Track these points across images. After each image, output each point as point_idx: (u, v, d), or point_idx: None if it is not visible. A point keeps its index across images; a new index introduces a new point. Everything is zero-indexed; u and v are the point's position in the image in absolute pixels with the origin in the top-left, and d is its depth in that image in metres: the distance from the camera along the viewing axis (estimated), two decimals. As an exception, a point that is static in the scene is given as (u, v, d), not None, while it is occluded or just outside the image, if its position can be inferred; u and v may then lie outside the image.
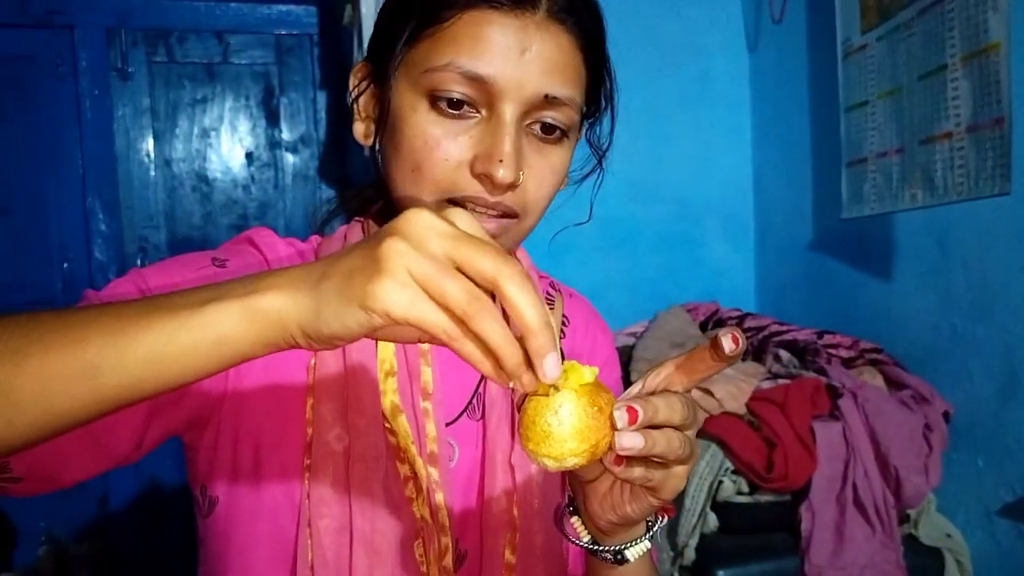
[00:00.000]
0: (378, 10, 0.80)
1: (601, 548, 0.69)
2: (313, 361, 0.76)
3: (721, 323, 2.22)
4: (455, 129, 0.70)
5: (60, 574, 2.29)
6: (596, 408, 0.55)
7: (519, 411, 0.57)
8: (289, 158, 2.85)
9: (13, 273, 2.56)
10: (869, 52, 1.92)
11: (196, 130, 2.76)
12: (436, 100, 0.69)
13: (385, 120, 0.73)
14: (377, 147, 0.77)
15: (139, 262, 2.67)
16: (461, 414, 0.82)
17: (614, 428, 0.54)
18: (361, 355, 0.75)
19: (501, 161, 0.68)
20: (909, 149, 1.78)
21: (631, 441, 0.54)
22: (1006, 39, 1.48)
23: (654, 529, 0.69)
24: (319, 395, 0.74)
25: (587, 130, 0.83)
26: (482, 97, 0.69)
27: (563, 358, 0.86)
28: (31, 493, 0.65)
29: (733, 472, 1.68)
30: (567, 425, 0.54)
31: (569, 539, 0.71)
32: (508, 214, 0.73)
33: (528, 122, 0.71)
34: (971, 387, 1.76)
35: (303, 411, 0.75)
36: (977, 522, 1.74)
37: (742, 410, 1.72)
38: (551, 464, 0.55)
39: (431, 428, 0.77)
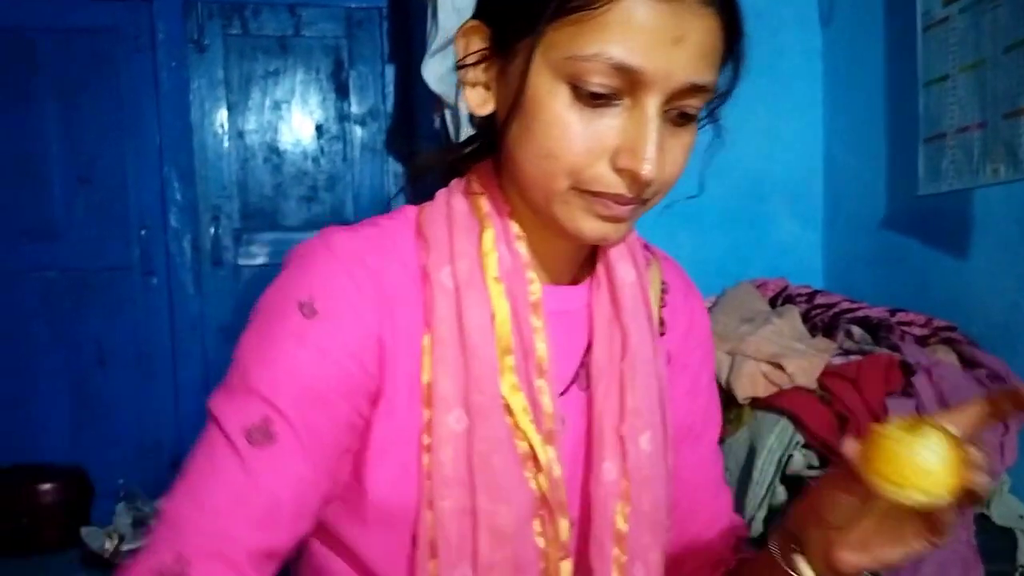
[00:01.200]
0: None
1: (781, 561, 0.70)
2: (427, 340, 0.74)
3: (790, 299, 2.20)
4: (596, 119, 0.67)
5: (136, 528, 2.37)
6: (960, 448, 0.57)
7: (863, 441, 0.60)
8: (357, 131, 2.89)
9: (94, 240, 2.66)
10: (951, 24, 1.88)
11: (268, 102, 2.82)
12: (578, 89, 0.66)
13: (516, 100, 0.69)
14: (500, 121, 0.74)
15: (213, 232, 2.74)
16: (570, 385, 0.82)
17: (973, 468, 0.57)
18: (479, 335, 0.74)
19: (647, 159, 0.66)
20: (992, 123, 1.75)
21: (984, 480, 0.57)
22: (1101, 9, 1.44)
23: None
24: (437, 375, 0.73)
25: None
26: (627, 86, 0.66)
27: (662, 324, 0.88)
28: None
29: (803, 446, 1.67)
30: (942, 461, 0.56)
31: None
32: (643, 200, 0.71)
33: (668, 108, 0.68)
34: (1050, 367, 1.73)
35: (418, 393, 0.74)
36: (1053, 504, 1.72)
37: (813, 384, 1.72)
38: (920, 498, 0.57)
39: (547, 405, 0.76)
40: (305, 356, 0.70)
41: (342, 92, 2.87)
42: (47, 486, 2.40)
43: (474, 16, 0.75)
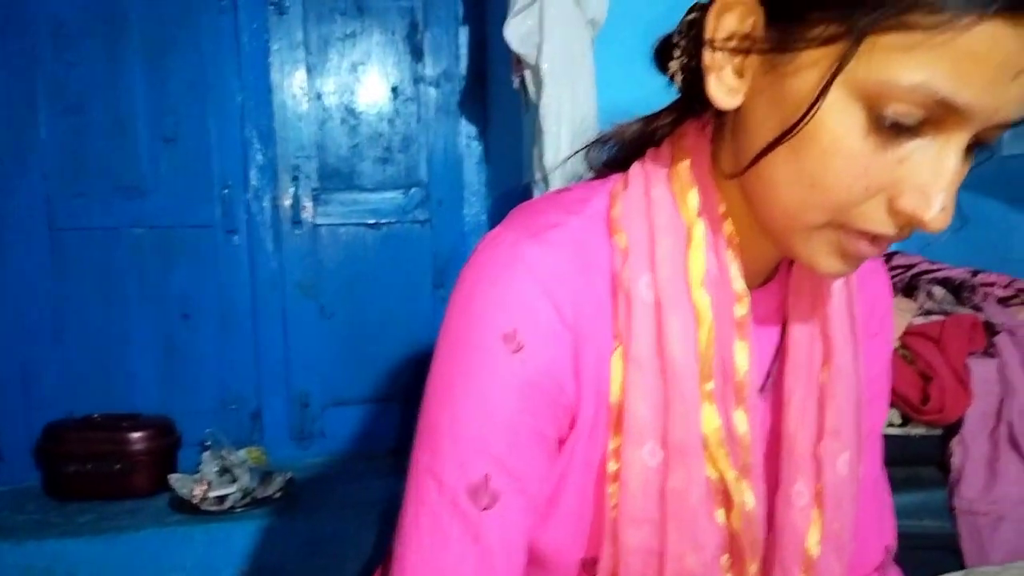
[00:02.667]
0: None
1: None
2: (618, 358, 0.67)
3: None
4: (890, 152, 0.55)
5: (221, 475, 2.47)
6: None
7: None
8: (432, 92, 2.92)
9: (179, 198, 2.74)
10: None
11: (345, 64, 2.86)
12: (880, 118, 0.53)
13: (798, 123, 0.56)
14: (746, 114, 0.62)
15: (292, 190, 2.81)
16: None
17: None
18: (683, 361, 0.66)
19: (940, 207, 0.55)
20: (1086, 82, 1.72)
21: None
22: None
23: None
24: (631, 401, 0.66)
25: None
26: (937, 118, 0.53)
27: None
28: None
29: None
30: None
31: None
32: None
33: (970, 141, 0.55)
34: None
35: (605, 413, 0.69)
36: None
37: (896, 343, 1.72)
38: None
39: (745, 438, 0.70)
40: (517, 397, 0.65)
41: (417, 54, 2.90)
42: (137, 435, 2.50)
43: None
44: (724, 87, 0.62)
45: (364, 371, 2.90)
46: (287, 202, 2.82)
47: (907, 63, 0.50)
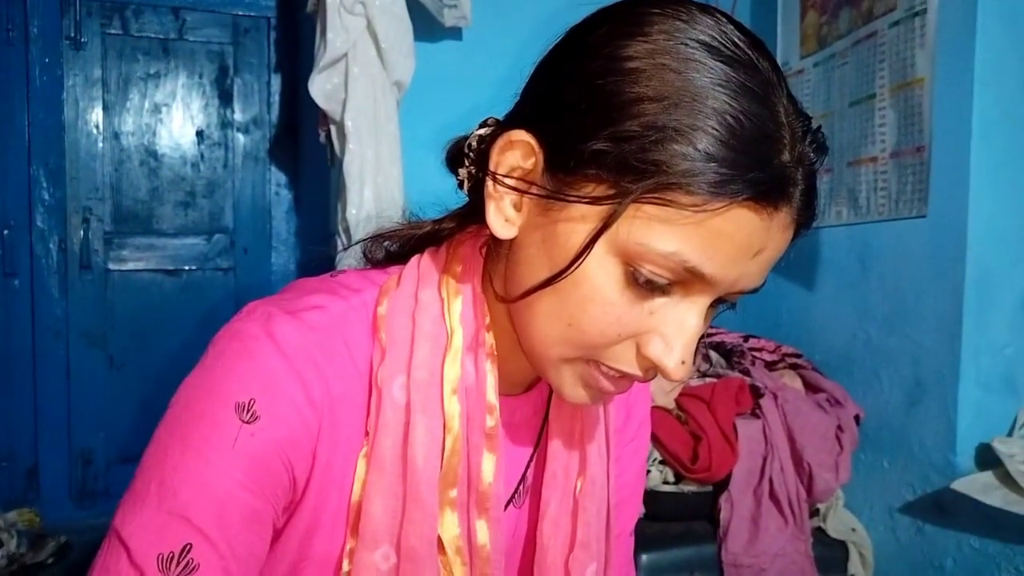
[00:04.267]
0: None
1: None
2: (363, 458, 0.66)
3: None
4: (641, 305, 0.59)
5: (-13, 541, 2.27)
6: None
7: None
8: (240, 138, 2.86)
9: (-49, 237, 2.53)
10: (806, 76, 2.05)
11: (147, 105, 2.76)
12: (636, 275, 0.58)
13: (563, 272, 0.59)
14: (519, 246, 0.64)
15: (82, 234, 2.66)
16: (508, 503, 0.76)
17: None
18: (424, 468, 0.65)
19: (681, 361, 0.60)
20: (837, 170, 1.91)
21: None
22: (930, 75, 1.61)
23: None
24: (370, 503, 0.65)
25: None
26: (685, 282, 0.58)
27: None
28: None
29: (660, 462, 1.78)
30: None
31: None
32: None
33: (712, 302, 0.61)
34: (881, 393, 1.90)
35: (346, 511, 0.67)
36: (880, 518, 1.89)
37: (671, 405, 1.83)
38: None
39: (485, 547, 0.70)
40: (241, 470, 0.61)
41: (226, 99, 2.84)
42: None
43: (524, 123, 0.62)
44: (502, 217, 0.63)
45: (155, 425, 2.75)
46: (76, 245, 2.66)
47: (664, 233, 0.55)
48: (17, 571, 2.23)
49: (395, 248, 0.77)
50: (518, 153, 0.62)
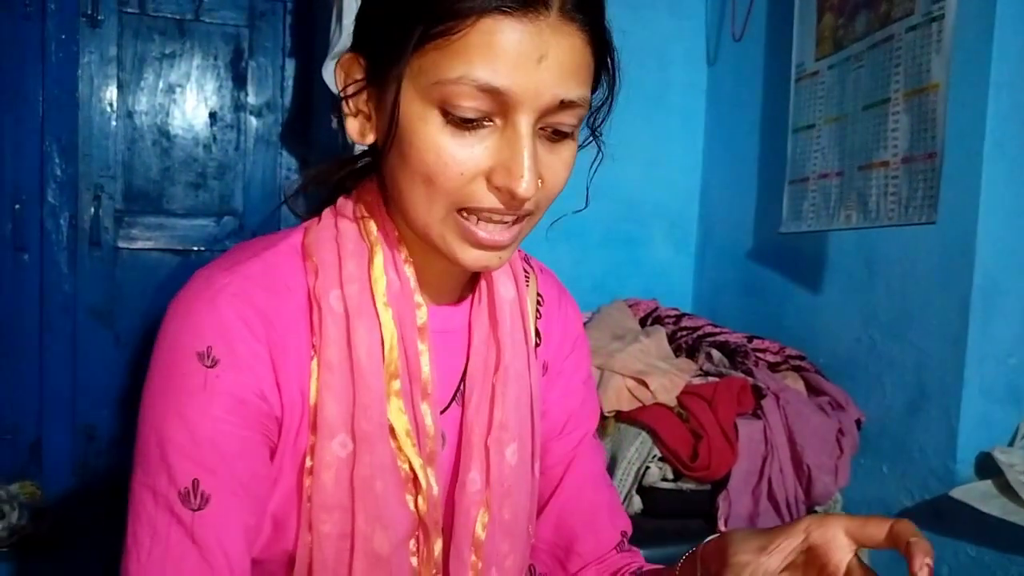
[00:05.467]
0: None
1: None
2: (315, 365, 0.75)
3: (659, 320, 2.33)
4: (469, 141, 0.68)
5: (-10, 512, 2.29)
6: None
7: None
8: (253, 121, 2.87)
9: (-38, 209, 2.55)
10: (820, 78, 2.04)
11: (161, 84, 2.76)
12: (449, 113, 0.67)
13: (390, 127, 0.70)
14: (378, 147, 0.75)
15: (93, 211, 2.67)
16: (450, 403, 0.84)
17: None
18: (368, 361, 0.75)
19: (522, 176, 0.67)
20: (848, 173, 1.91)
21: None
22: (945, 81, 1.60)
23: None
24: (323, 400, 0.74)
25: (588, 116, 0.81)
26: (497, 107, 0.67)
27: (538, 335, 0.93)
28: None
29: (660, 459, 1.78)
30: None
31: None
32: (524, 215, 0.73)
33: (541, 125, 0.70)
34: (883, 398, 1.90)
35: (305, 415, 0.75)
36: (877, 523, 1.88)
37: (673, 402, 1.83)
38: None
39: (430, 427, 0.79)
40: (218, 407, 0.70)
41: (240, 81, 2.85)
42: None
43: (351, 48, 0.77)
44: (358, 127, 0.76)
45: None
46: (86, 222, 2.67)
47: (449, 63, 0.65)
48: (18, 543, 2.25)
49: (317, 206, 0.87)
50: (352, 69, 0.75)
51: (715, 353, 2.05)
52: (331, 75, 2.03)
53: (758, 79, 2.47)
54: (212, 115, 2.83)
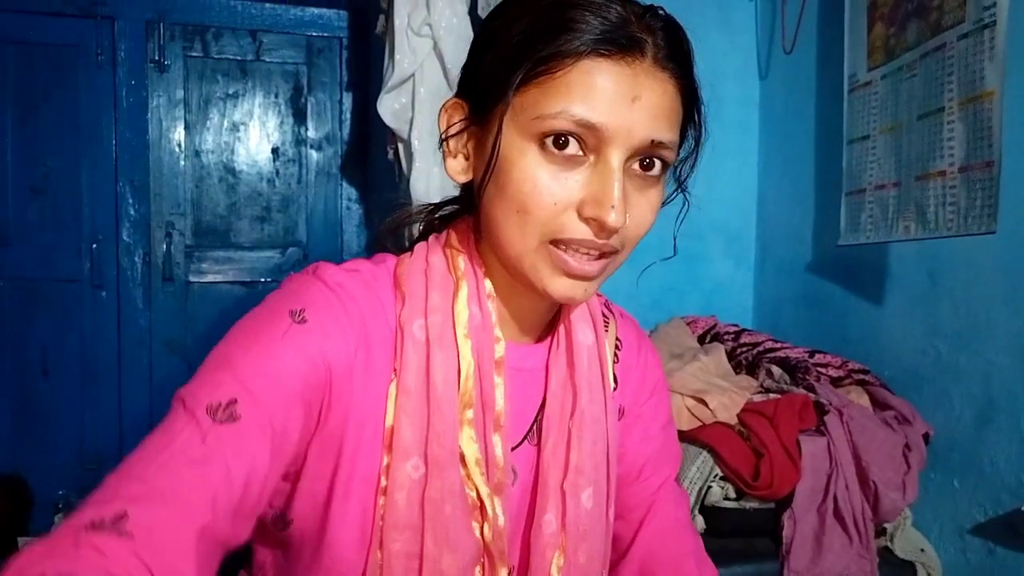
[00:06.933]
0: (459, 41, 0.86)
1: None
2: (393, 388, 0.78)
3: (718, 337, 2.32)
4: (563, 173, 0.72)
5: (74, 541, 2.38)
6: None
7: None
8: (313, 155, 2.96)
9: (45, 251, 2.68)
10: (873, 89, 2.02)
11: (226, 123, 2.87)
12: (546, 145, 0.72)
13: (490, 160, 0.74)
14: (477, 184, 0.79)
15: (164, 248, 2.78)
16: (523, 440, 0.87)
17: None
18: (444, 389, 0.78)
19: (612, 207, 0.71)
20: (905, 184, 1.88)
21: None
22: (1000, 87, 1.58)
23: None
24: (400, 423, 0.77)
25: (675, 168, 0.86)
26: (591, 142, 0.71)
27: (615, 380, 0.95)
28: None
29: (722, 478, 1.78)
30: None
31: None
32: (611, 252, 0.76)
33: (631, 163, 0.74)
34: (951, 411, 1.86)
35: (380, 435, 0.78)
36: (950, 539, 1.84)
37: (733, 420, 1.82)
38: None
39: (500, 459, 0.81)
40: (288, 352, 0.72)
41: (300, 117, 2.94)
42: (-15, 494, 2.40)
43: (456, 95, 0.82)
44: (458, 167, 0.81)
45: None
46: (159, 259, 2.78)
47: (549, 99, 0.71)
48: None
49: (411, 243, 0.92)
50: (455, 112, 0.81)
51: (775, 369, 2.04)
52: (386, 108, 2.10)
53: (810, 91, 2.46)
54: (275, 150, 2.93)
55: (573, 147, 0.72)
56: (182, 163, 2.82)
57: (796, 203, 2.53)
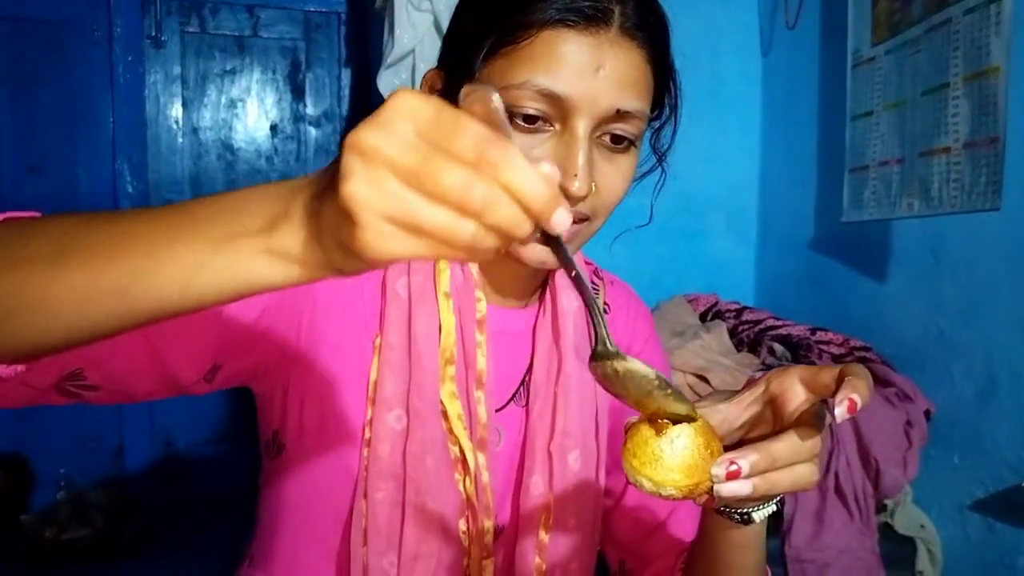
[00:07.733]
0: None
1: (730, 510, 0.69)
2: (378, 341, 0.81)
3: (720, 315, 2.32)
4: (529, 143, 0.72)
5: (76, 518, 2.39)
6: (708, 451, 0.57)
7: (627, 431, 0.61)
8: (312, 132, 2.94)
9: (42, 229, 2.66)
10: (877, 64, 2.01)
11: (224, 100, 2.85)
12: (512, 116, 0.71)
13: None
14: None
15: (163, 225, 2.76)
16: (509, 401, 0.88)
17: (715, 464, 0.57)
18: (425, 343, 0.80)
19: (575, 175, 0.71)
20: (909, 160, 1.87)
21: (731, 491, 0.58)
22: (1005, 63, 1.57)
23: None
24: (383, 376, 0.80)
25: (650, 135, 0.85)
26: (556, 112, 0.72)
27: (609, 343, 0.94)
28: (106, 402, 0.74)
29: (723, 455, 1.78)
30: (678, 457, 0.56)
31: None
32: (580, 219, 0.76)
33: (599, 133, 0.74)
34: (952, 388, 1.86)
35: (365, 388, 0.81)
36: (950, 515, 1.85)
37: (735, 398, 1.82)
38: (648, 487, 0.57)
39: (482, 415, 0.83)
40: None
41: (298, 93, 2.92)
42: (-14, 473, 2.40)
43: (436, 66, 0.83)
44: None
45: (235, 411, 2.86)
46: (158, 237, 2.76)
47: (515, 70, 0.71)
48: (102, 546, 2.35)
49: None
50: (432, 83, 0.81)
51: (777, 347, 2.04)
52: (385, 83, 2.08)
53: (814, 67, 2.44)
54: (273, 127, 2.90)
55: (538, 117, 0.72)
56: (180, 140, 2.80)
57: (798, 180, 2.52)
